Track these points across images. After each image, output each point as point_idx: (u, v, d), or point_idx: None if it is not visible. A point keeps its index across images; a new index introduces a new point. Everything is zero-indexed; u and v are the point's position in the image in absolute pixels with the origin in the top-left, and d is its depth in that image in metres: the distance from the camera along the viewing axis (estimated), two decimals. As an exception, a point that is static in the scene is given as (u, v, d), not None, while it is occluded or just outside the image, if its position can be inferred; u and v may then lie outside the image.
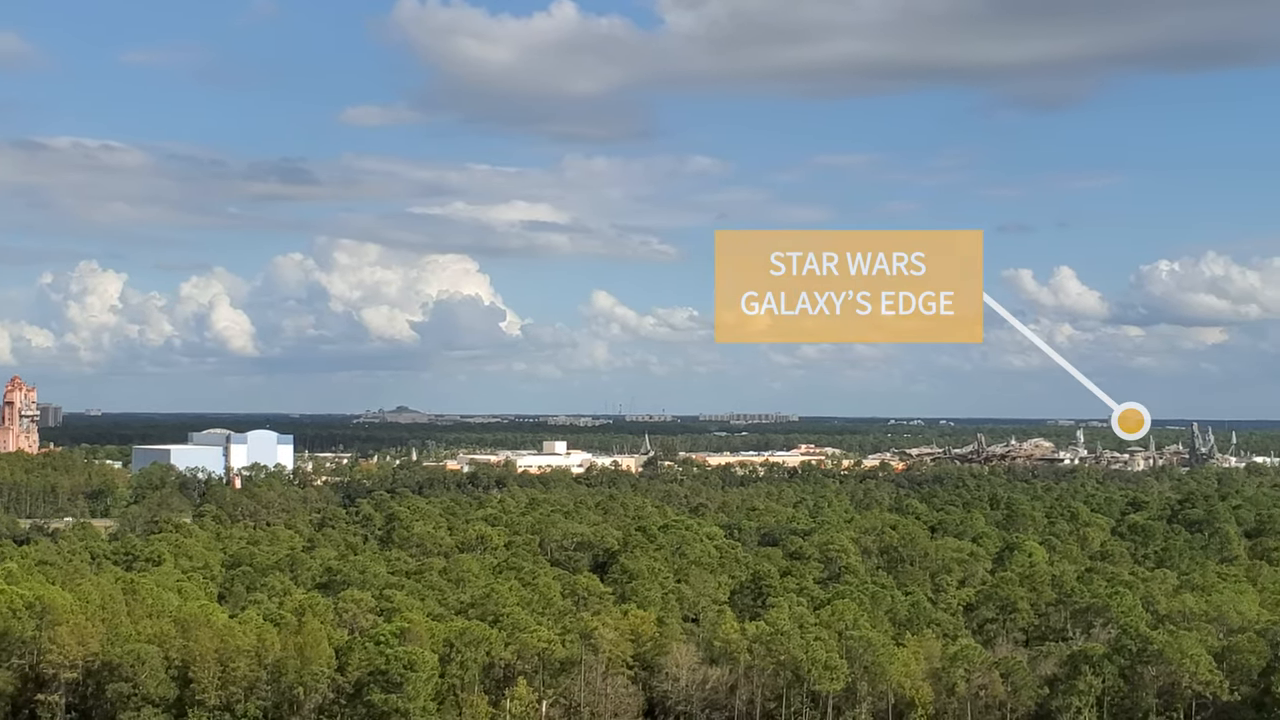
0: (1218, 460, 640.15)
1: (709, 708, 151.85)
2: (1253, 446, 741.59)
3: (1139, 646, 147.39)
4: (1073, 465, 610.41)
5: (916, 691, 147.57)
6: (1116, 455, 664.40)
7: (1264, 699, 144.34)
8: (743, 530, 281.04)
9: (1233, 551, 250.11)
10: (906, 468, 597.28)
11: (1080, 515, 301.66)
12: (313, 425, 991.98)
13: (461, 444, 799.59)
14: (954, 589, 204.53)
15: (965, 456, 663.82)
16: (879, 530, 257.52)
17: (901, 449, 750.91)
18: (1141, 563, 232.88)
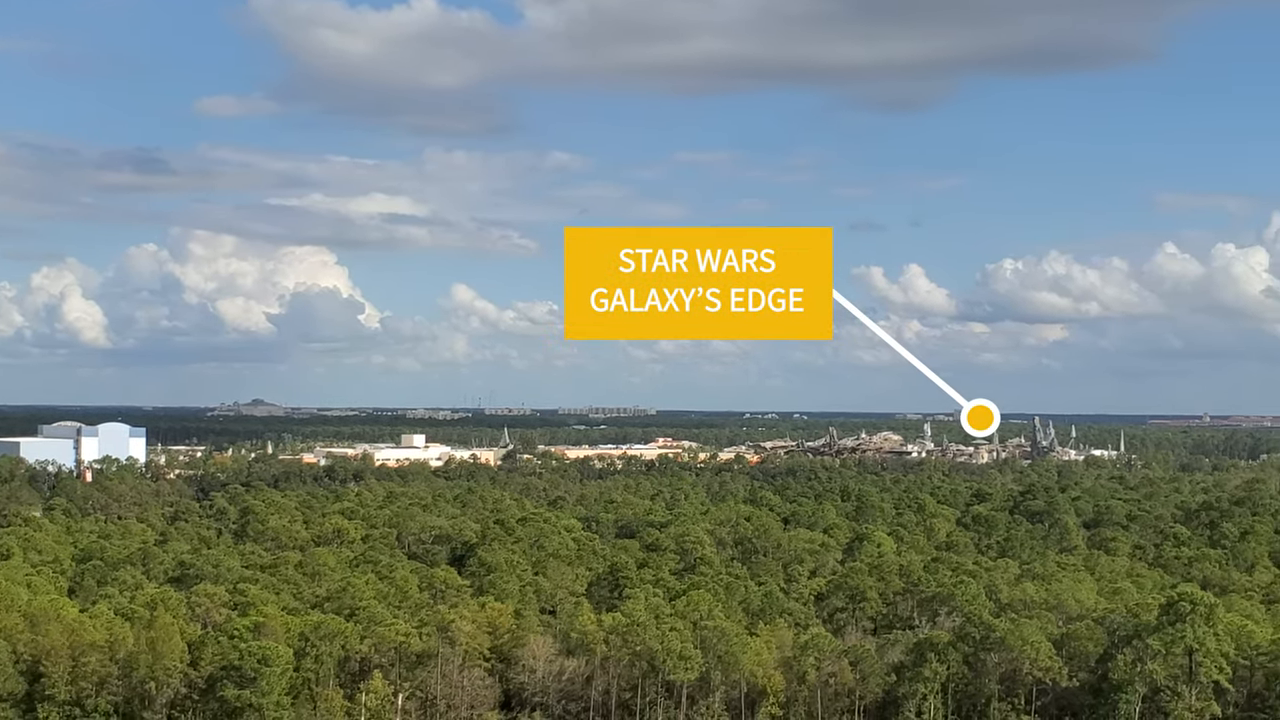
0: (1058, 453, 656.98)
1: (565, 699, 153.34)
2: (1091, 440, 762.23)
3: (982, 634, 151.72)
4: (920, 458, 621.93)
5: (768, 680, 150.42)
6: (962, 448, 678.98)
7: (1101, 685, 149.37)
8: (600, 523, 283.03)
9: (1072, 542, 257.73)
10: (761, 461, 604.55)
11: (927, 507, 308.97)
12: (166, 418, 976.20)
13: (318, 437, 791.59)
14: (806, 579, 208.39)
15: (818, 450, 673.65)
16: (734, 522, 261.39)
17: (756, 442, 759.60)
18: (985, 553, 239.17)
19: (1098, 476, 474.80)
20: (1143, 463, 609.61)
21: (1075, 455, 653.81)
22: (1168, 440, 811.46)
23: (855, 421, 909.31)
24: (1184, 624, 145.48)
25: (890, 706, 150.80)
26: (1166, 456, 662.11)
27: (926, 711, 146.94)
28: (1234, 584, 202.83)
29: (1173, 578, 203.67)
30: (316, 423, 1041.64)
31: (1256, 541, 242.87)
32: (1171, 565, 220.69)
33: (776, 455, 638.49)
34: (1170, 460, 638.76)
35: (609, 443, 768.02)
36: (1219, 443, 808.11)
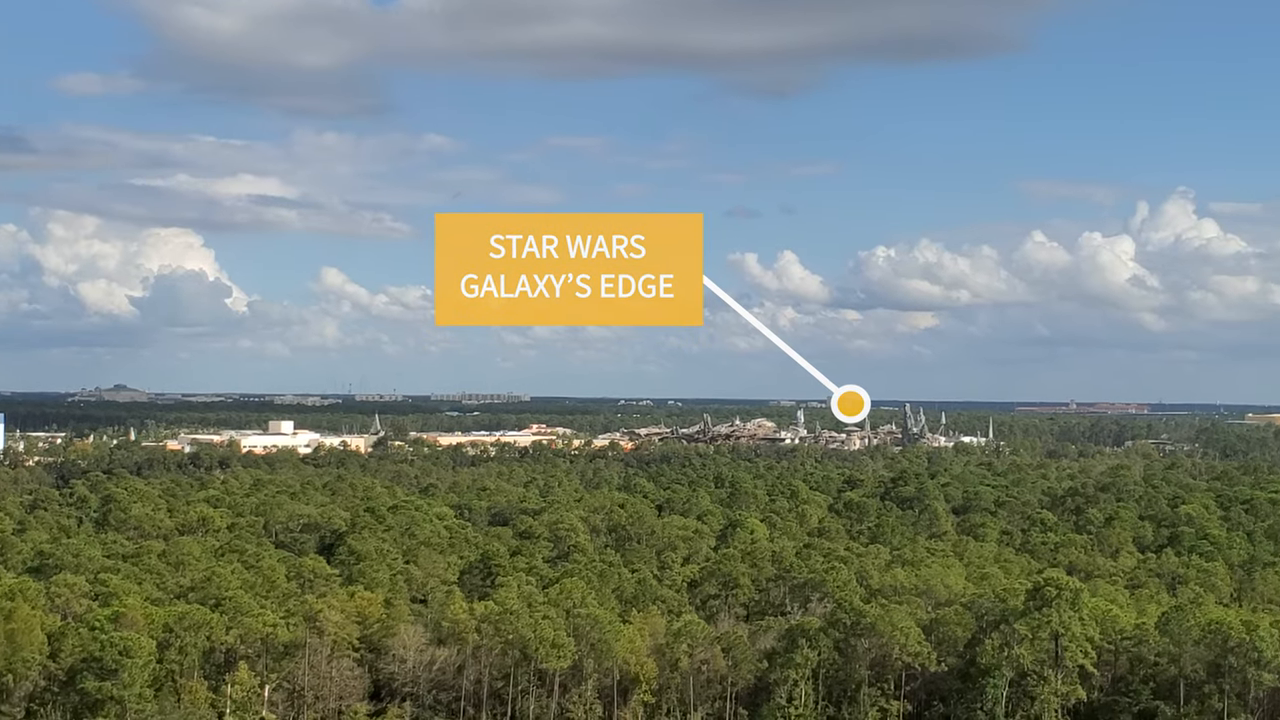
0: (928, 440, 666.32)
1: (436, 688, 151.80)
2: (961, 427, 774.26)
3: (853, 620, 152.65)
4: (793, 444, 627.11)
5: (641, 668, 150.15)
6: (834, 435, 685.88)
7: (969, 669, 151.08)
8: (473, 510, 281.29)
9: (941, 527, 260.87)
10: (635, 447, 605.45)
11: (800, 493, 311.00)
12: (25, 403, 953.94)
13: (183, 424, 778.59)
14: (679, 566, 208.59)
15: (692, 436, 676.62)
16: (608, 509, 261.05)
17: (631, 429, 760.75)
18: (856, 539, 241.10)
19: (967, 463, 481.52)
20: (1011, 449, 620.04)
21: (945, 442, 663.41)
22: (1035, 427, 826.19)
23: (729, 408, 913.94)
24: (1050, 609, 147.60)
25: (762, 693, 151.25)
26: (1034, 443, 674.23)
27: (797, 698, 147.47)
28: (1099, 569, 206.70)
29: (1039, 563, 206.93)
30: (181, 409, 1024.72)
31: (1121, 527, 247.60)
32: (1038, 551, 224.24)
33: (651, 442, 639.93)
34: (1037, 447, 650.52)
35: (482, 429, 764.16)
36: (1085, 430, 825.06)
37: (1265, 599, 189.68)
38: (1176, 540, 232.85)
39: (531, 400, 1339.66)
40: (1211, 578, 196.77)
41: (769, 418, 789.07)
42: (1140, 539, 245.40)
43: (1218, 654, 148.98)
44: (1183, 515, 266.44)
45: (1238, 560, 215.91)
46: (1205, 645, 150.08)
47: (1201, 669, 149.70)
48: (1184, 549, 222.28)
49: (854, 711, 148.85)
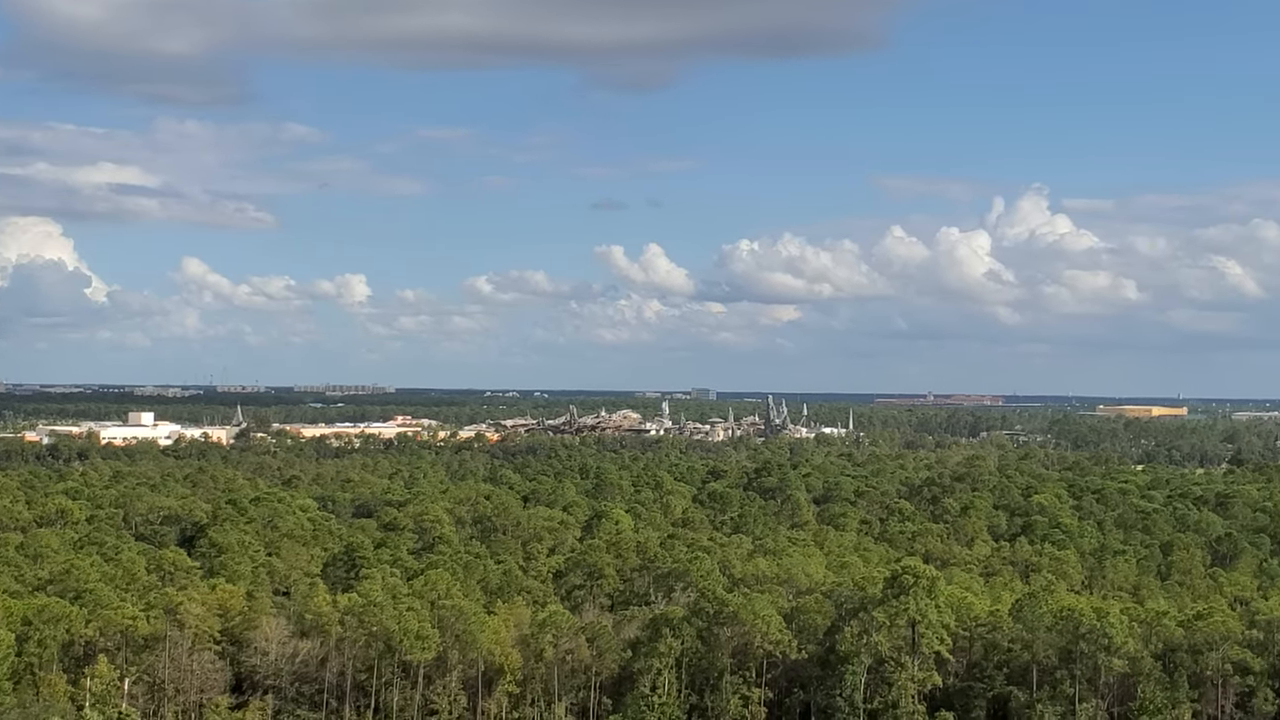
0: (790, 431, 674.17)
1: (299, 681, 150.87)
2: (822, 418, 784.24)
3: (716, 609, 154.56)
4: (658, 436, 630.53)
5: (506, 658, 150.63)
6: (699, 426, 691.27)
7: (829, 657, 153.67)
8: (337, 502, 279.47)
9: (803, 517, 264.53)
10: (501, 439, 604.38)
11: (664, 484, 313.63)
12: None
13: (41, 415, 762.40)
14: (544, 557, 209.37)
15: (558, 428, 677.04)
16: (473, 500, 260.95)
17: (497, 420, 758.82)
18: (720, 529, 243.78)
19: (828, 454, 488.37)
20: (870, 440, 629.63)
21: (807, 433, 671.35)
22: (894, 419, 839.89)
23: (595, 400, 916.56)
24: (907, 597, 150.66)
25: (626, 682, 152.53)
26: (892, 434, 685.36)
27: (661, 686, 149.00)
28: (955, 558, 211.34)
29: (897, 552, 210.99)
30: (39, 400, 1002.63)
31: (976, 516, 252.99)
32: (896, 540, 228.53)
33: (517, 433, 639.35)
34: (896, 438, 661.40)
35: (346, 421, 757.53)
36: (942, 421, 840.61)
37: (1115, 586, 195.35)
38: (1030, 529, 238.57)
39: (397, 392, 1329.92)
40: (1063, 565, 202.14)
41: (635, 409, 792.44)
42: (995, 528, 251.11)
43: (1069, 640, 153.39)
44: (1036, 505, 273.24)
45: (1088, 548, 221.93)
46: (1057, 632, 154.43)
47: (1053, 655, 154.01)
48: (1037, 538, 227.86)
49: (716, 699, 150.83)
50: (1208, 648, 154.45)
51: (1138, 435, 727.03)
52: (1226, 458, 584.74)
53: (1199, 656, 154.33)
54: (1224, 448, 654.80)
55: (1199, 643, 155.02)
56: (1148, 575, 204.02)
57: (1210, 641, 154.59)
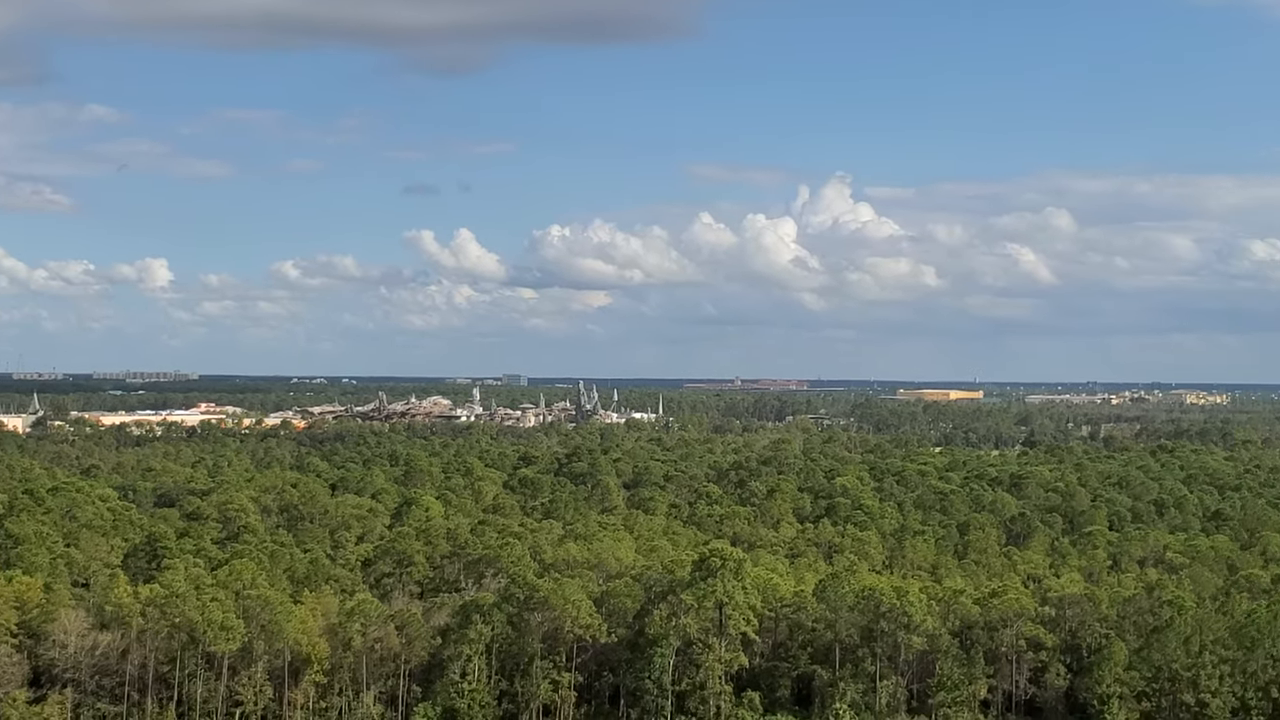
0: (601, 416, 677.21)
1: (99, 674, 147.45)
2: (632, 403, 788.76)
3: (526, 594, 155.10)
4: (469, 422, 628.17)
5: (313, 648, 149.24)
6: (510, 412, 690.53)
7: (638, 639, 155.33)
8: (138, 491, 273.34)
9: (613, 502, 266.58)
10: (308, 426, 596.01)
11: (475, 470, 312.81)
12: None
13: None
14: (353, 545, 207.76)
15: (367, 414, 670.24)
16: (279, 489, 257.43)
17: (304, 407, 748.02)
18: (531, 514, 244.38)
19: (638, 439, 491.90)
20: (679, 425, 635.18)
21: (617, 418, 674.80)
22: (702, 403, 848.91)
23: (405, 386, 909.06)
24: (715, 579, 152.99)
25: (435, 669, 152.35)
26: (701, 419, 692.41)
27: (470, 673, 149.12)
28: (761, 540, 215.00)
29: (705, 535, 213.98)
30: None
31: (782, 499, 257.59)
32: (704, 523, 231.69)
33: (325, 420, 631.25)
34: (705, 423, 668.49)
35: (148, 408, 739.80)
36: (749, 405, 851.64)
37: (914, 566, 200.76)
38: (833, 511, 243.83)
39: (200, 379, 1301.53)
40: (865, 546, 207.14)
41: (445, 395, 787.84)
42: (800, 510, 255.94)
43: (870, 619, 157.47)
44: (839, 487, 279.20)
45: (889, 529, 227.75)
46: (859, 611, 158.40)
47: (855, 634, 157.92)
48: (840, 519, 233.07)
49: (526, 684, 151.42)
50: (1002, 625, 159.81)
51: (936, 418, 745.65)
52: (1020, 440, 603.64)
53: (994, 633, 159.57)
54: (1018, 430, 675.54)
55: (994, 620, 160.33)
56: (945, 554, 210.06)
57: (1005, 619, 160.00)
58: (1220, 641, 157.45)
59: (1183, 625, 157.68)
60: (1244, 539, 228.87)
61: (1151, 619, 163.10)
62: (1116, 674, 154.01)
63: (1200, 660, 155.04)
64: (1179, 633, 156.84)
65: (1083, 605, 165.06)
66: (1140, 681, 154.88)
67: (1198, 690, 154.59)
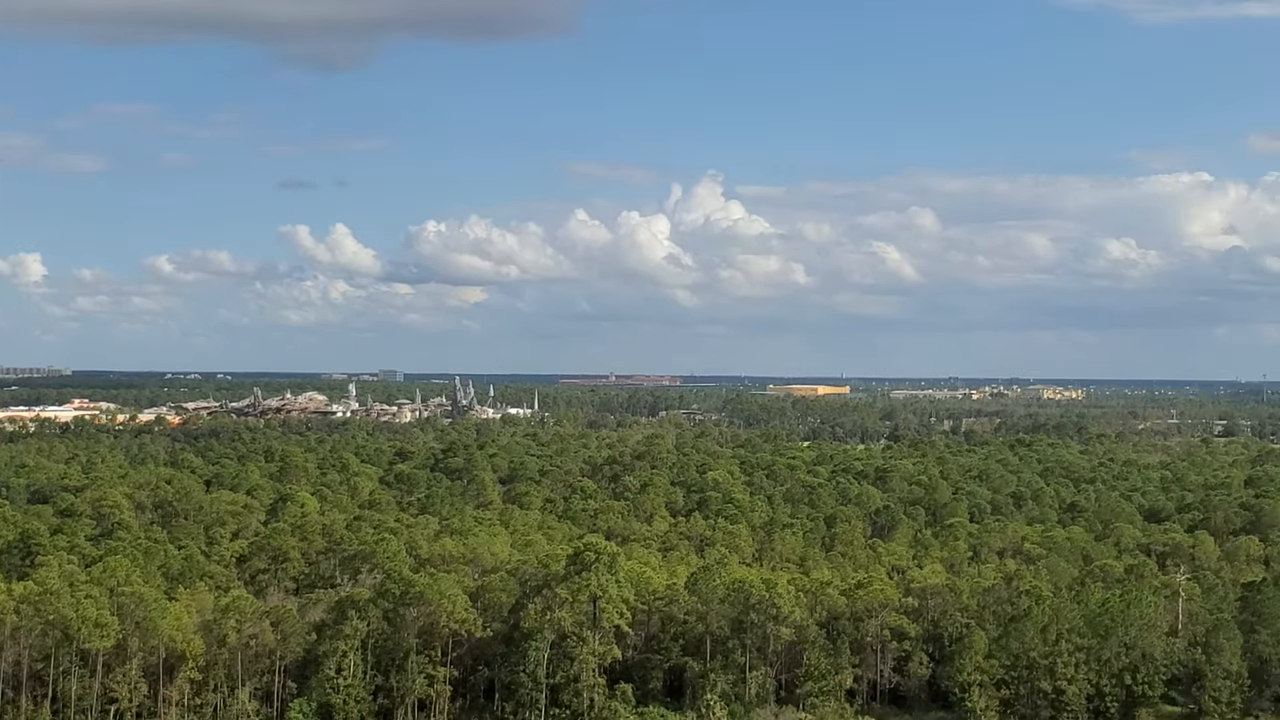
0: (477, 412, 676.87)
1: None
2: (508, 399, 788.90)
3: (402, 590, 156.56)
4: (345, 418, 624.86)
5: (188, 644, 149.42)
6: (385, 408, 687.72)
7: (513, 633, 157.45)
8: (11, 488, 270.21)
9: (488, 497, 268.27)
10: (183, 422, 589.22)
11: (351, 466, 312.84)
12: None
13: None
14: (228, 541, 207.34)
15: (242, 410, 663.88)
16: (153, 485, 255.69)
17: (178, 403, 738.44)
18: (407, 510, 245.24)
19: (513, 434, 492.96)
20: (555, 420, 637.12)
21: (493, 414, 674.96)
22: (577, 399, 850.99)
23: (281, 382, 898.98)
24: (589, 573, 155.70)
25: (311, 665, 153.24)
26: (576, 414, 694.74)
27: (346, 668, 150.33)
28: (635, 533, 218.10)
29: (580, 529, 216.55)
30: None
31: (655, 493, 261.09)
32: (579, 517, 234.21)
33: (199, 417, 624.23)
34: (579, 418, 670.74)
35: (20, 404, 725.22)
36: (623, 401, 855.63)
37: (783, 558, 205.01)
38: (705, 504, 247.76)
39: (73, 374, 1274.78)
40: (736, 539, 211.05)
41: (321, 391, 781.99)
42: (672, 504, 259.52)
43: (740, 611, 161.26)
44: (710, 481, 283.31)
45: (759, 522, 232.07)
46: (729, 603, 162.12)
47: (726, 625, 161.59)
48: (711, 513, 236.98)
49: (402, 679, 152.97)
50: (868, 615, 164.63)
51: (805, 413, 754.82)
52: (885, 434, 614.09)
53: (860, 624, 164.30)
54: (883, 424, 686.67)
55: (860, 610, 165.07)
56: (813, 547, 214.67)
57: (870, 609, 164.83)
58: (1076, 630, 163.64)
59: (1040, 614, 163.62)
60: (1098, 530, 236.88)
61: (1010, 608, 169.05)
62: (977, 662, 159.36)
63: (1057, 648, 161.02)
64: (1036, 622, 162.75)
65: (944, 595, 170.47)
66: (999, 669, 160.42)
67: (1054, 678, 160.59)
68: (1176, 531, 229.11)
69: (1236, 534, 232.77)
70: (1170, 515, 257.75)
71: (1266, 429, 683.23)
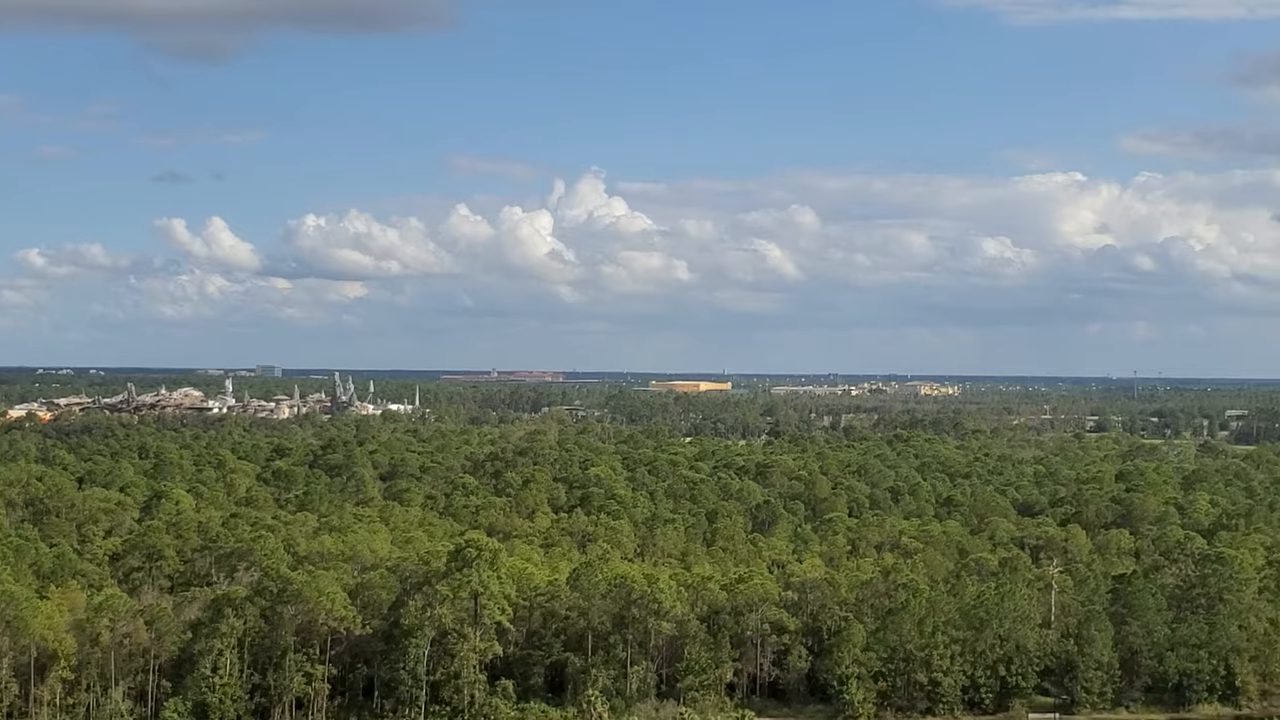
0: (357, 408, 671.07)
1: None
2: (389, 395, 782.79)
3: (279, 587, 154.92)
4: (222, 414, 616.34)
5: (59, 644, 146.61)
6: (263, 404, 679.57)
7: (393, 631, 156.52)
8: None
9: (368, 494, 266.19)
10: (55, 418, 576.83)
11: (227, 463, 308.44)
12: None
13: None
14: (101, 539, 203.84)
15: (115, 406, 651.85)
16: (24, 482, 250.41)
17: (50, 399, 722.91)
18: (285, 507, 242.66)
19: (394, 430, 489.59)
20: (436, 417, 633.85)
21: (373, 410, 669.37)
22: (459, 395, 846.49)
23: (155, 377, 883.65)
24: (470, 569, 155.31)
25: (186, 664, 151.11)
26: (458, 410, 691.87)
27: (222, 667, 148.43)
28: (517, 530, 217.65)
29: (461, 525, 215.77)
30: None
31: (537, 489, 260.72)
32: (460, 514, 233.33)
33: (71, 413, 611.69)
34: (461, 414, 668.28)
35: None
36: (505, 397, 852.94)
37: (665, 553, 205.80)
38: (587, 500, 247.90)
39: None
40: (618, 535, 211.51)
41: (197, 387, 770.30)
42: (555, 500, 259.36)
43: (622, 606, 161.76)
44: (593, 477, 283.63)
45: (641, 518, 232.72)
46: (611, 599, 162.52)
47: (608, 621, 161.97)
48: (594, 508, 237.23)
49: (279, 678, 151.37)
50: (748, 609, 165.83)
51: (687, 409, 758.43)
52: (766, 430, 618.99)
53: (740, 618, 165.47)
54: (764, 420, 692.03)
55: (740, 605, 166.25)
56: (695, 542, 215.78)
57: (750, 603, 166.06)
58: (951, 622, 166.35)
59: (916, 607, 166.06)
60: (974, 524, 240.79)
61: (887, 601, 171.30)
62: (854, 655, 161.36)
63: (933, 641, 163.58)
64: (913, 614, 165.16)
65: (823, 589, 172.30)
66: (877, 662, 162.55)
67: (930, 670, 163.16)
68: (1050, 525, 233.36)
69: (1108, 527, 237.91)
70: (1044, 509, 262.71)
71: (1137, 424, 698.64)
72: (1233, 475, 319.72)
